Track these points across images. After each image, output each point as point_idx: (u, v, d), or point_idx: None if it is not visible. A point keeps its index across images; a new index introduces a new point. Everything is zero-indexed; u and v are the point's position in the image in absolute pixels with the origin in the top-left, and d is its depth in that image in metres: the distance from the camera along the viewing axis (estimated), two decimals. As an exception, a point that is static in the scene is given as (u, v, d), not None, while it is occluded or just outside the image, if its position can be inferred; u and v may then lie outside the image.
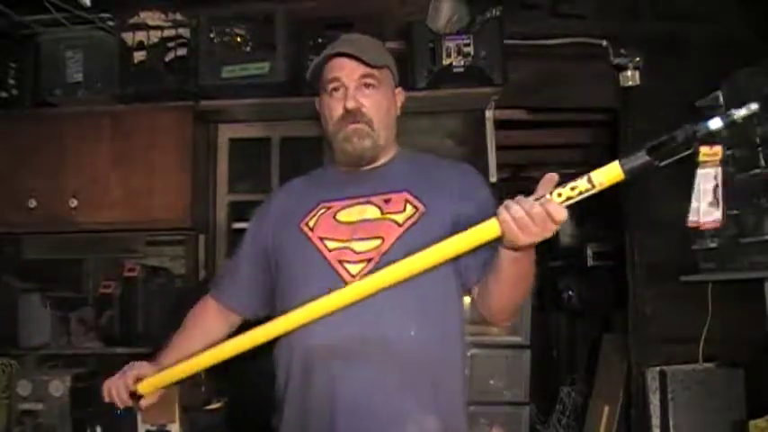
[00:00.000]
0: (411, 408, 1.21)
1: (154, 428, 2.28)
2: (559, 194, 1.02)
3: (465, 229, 1.15)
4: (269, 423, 1.35)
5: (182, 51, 2.58)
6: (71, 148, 2.64)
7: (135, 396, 1.34)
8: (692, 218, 1.33)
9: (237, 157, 2.96)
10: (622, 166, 1.02)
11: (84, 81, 2.60)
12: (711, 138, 1.01)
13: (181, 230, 2.74)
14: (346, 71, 1.33)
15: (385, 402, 1.20)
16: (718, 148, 1.20)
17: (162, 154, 2.62)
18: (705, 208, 1.32)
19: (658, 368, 2.57)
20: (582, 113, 3.08)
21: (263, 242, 1.41)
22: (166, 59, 2.57)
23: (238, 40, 2.52)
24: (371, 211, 1.30)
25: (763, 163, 2.23)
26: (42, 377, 2.43)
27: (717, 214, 1.33)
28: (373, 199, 1.32)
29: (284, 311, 1.26)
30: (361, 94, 1.33)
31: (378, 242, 1.25)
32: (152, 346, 2.62)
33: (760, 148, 2.24)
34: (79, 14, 2.52)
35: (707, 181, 1.28)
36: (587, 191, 1.02)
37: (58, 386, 2.40)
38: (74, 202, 2.60)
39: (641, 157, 1.02)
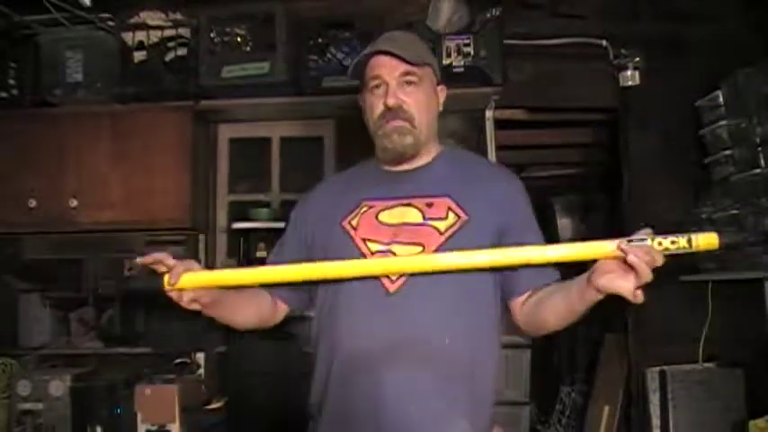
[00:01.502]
0: (445, 413, 1.22)
1: (154, 428, 2.28)
2: (659, 243, 1.07)
3: (508, 240, 1.23)
4: (269, 422, 1.35)
5: (182, 51, 2.59)
6: (71, 148, 2.64)
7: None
8: None
9: (237, 157, 2.97)
10: (720, 237, 1.09)
11: (84, 81, 2.60)
12: None
13: (181, 230, 2.73)
14: (387, 69, 1.33)
15: (423, 408, 1.22)
16: None
17: (162, 154, 2.62)
18: None
19: (658, 368, 2.56)
20: (582, 113, 3.07)
21: (304, 240, 1.40)
22: (166, 59, 2.57)
23: (238, 40, 2.52)
24: (413, 214, 1.30)
25: (762, 163, 2.23)
26: (42, 377, 2.43)
27: None
28: (415, 201, 1.32)
29: (329, 312, 1.30)
30: (401, 91, 1.34)
31: (418, 249, 1.25)
32: (152, 346, 2.65)
33: (760, 148, 2.24)
34: (79, 14, 2.52)
35: None
36: (683, 248, 1.08)
37: (58, 386, 2.40)
38: (74, 202, 2.60)
39: (740, 236, 1.12)
